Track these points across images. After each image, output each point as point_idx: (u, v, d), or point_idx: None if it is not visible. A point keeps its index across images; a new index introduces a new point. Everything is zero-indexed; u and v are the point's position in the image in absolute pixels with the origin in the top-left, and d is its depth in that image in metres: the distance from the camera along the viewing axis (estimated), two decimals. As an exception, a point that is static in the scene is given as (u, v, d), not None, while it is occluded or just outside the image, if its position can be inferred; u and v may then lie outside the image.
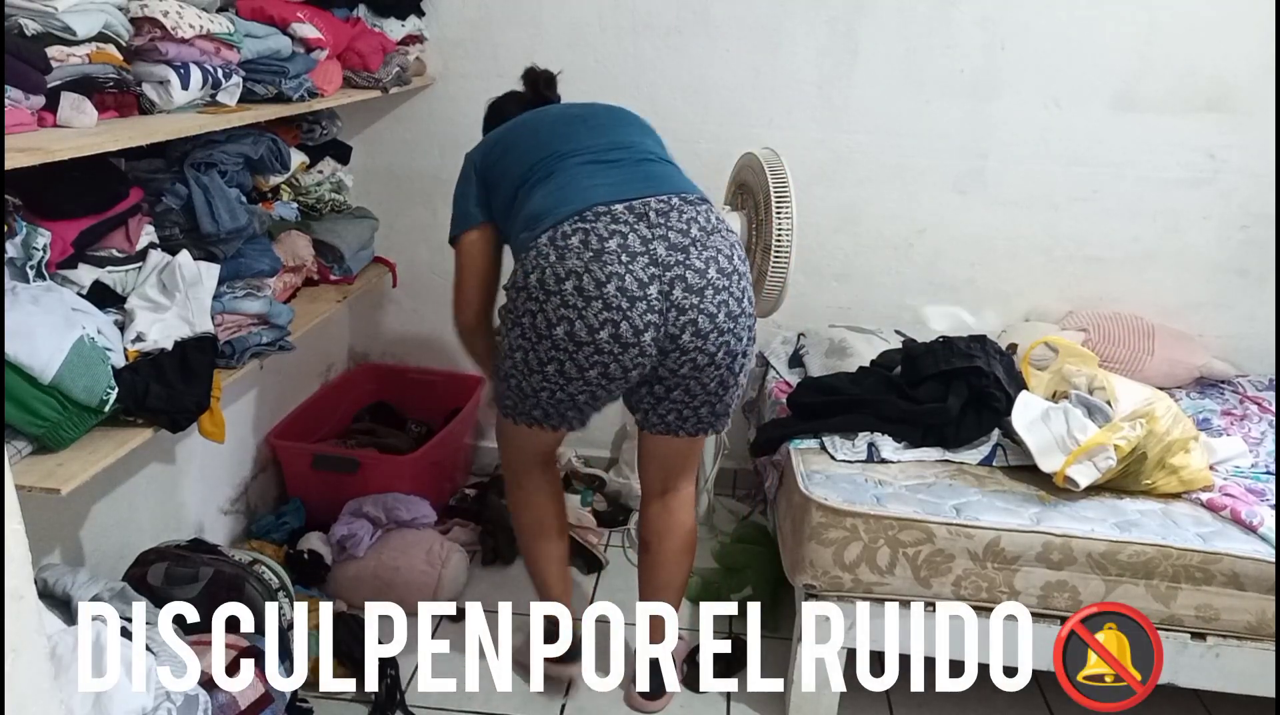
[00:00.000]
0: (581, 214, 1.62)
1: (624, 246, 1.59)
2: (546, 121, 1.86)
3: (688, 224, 1.64)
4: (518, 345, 1.68)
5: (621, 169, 1.72)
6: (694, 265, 1.62)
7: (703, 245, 1.64)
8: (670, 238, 1.62)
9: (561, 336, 1.61)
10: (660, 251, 1.60)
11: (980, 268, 2.78)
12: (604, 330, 1.59)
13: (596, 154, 1.74)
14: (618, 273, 1.58)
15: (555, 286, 1.59)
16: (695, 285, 1.62)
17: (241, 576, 1.81)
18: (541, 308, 1.61)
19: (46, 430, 1.41)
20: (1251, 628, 1.80)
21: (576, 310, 1.59)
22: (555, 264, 1.59)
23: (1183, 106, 2.56)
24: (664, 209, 1.64)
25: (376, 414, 2.96)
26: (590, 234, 1.59)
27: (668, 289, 1.60)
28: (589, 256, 1.58)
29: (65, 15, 1.38)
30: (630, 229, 1.60)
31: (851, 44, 2.60)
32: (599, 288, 1.57)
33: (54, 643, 1.38)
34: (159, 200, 1.75)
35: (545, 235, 1.62)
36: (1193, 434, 1.99)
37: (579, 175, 1.70)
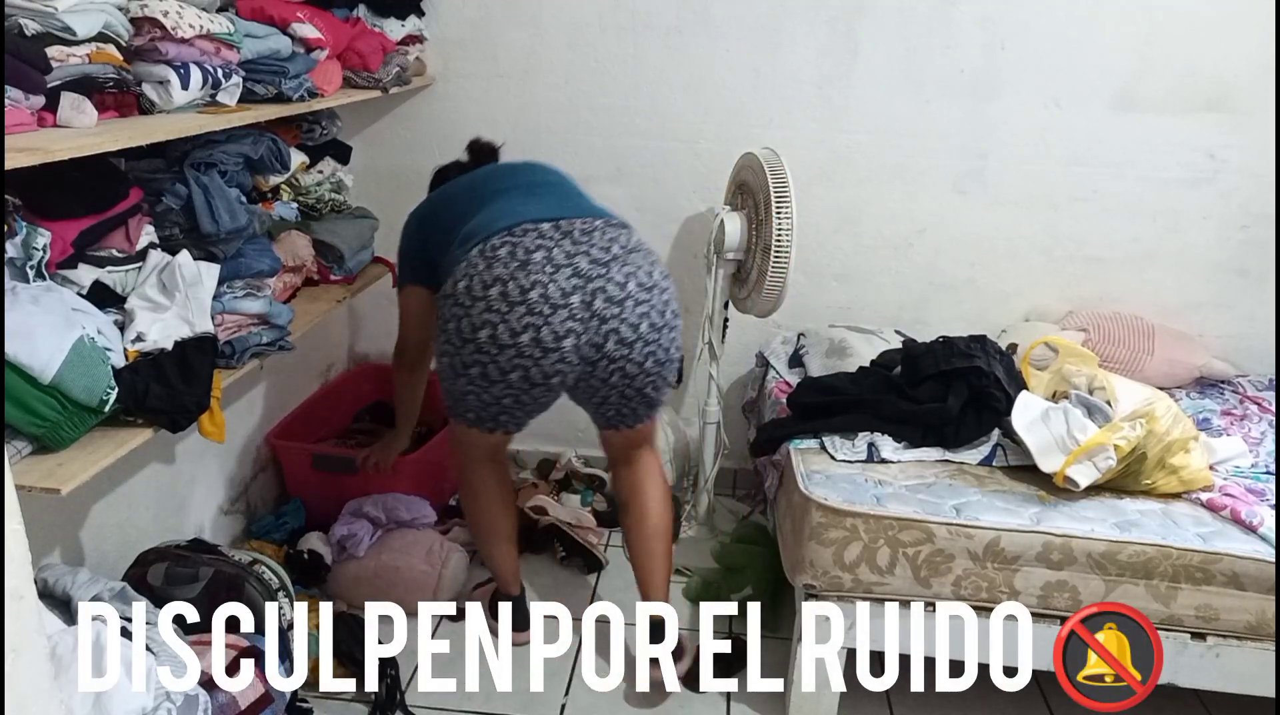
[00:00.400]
0: (510, 229, 1.74)
1: (549, 258, 1.69)
2: (481, 174, 2.06)
3: (609, 243, 1.76)
4: (444, 350, 1.80)
5: (549, 197, 1.88)
6: (614, 278, 1.73)
7: (623, 262, 1.75)
8: (593, 253, 1.73)
9: (485, 340, 1.71)
10: (583, 265, 1.71)
11: (980, 268, 2.78)
12: (525, 334, 1.69)
13: (527, 189, 1.91)
14: (541, 281, 1.68)
15: (481, 292, 1.69)
16: (615, 297, 1.72)
17: (241, 576, 1.81)
18: (467, 312, 1.71)
19: (46, 430, 1.41)
20: (1251, 628, 1.80)
21: (500, 314, 1.68)
22: (483, 272, 1.70)
23: (1183, 106, 2.56)
24: (588, 229, 1.76)
25: (376, 414, 2.95)
26: (517, 246, 1.71)
27: (589, 299, 1.71)
28: (515, 266, 1.68)
29: (65, 15, 1.38)
30: (555, 244, 1.72)
31: (851, 44, 2.60)
32: (523, 294, 1.67)
33: (54, 643, 1.38)
34: (159, 200, 1.75)
35: (475, 249, 1.74)
36: (1193, 434, 1.99)
37: (509, 202, 1.84)
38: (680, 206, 2.81)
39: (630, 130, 2.74)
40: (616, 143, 2.76)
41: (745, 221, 2.38)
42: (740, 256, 2.42)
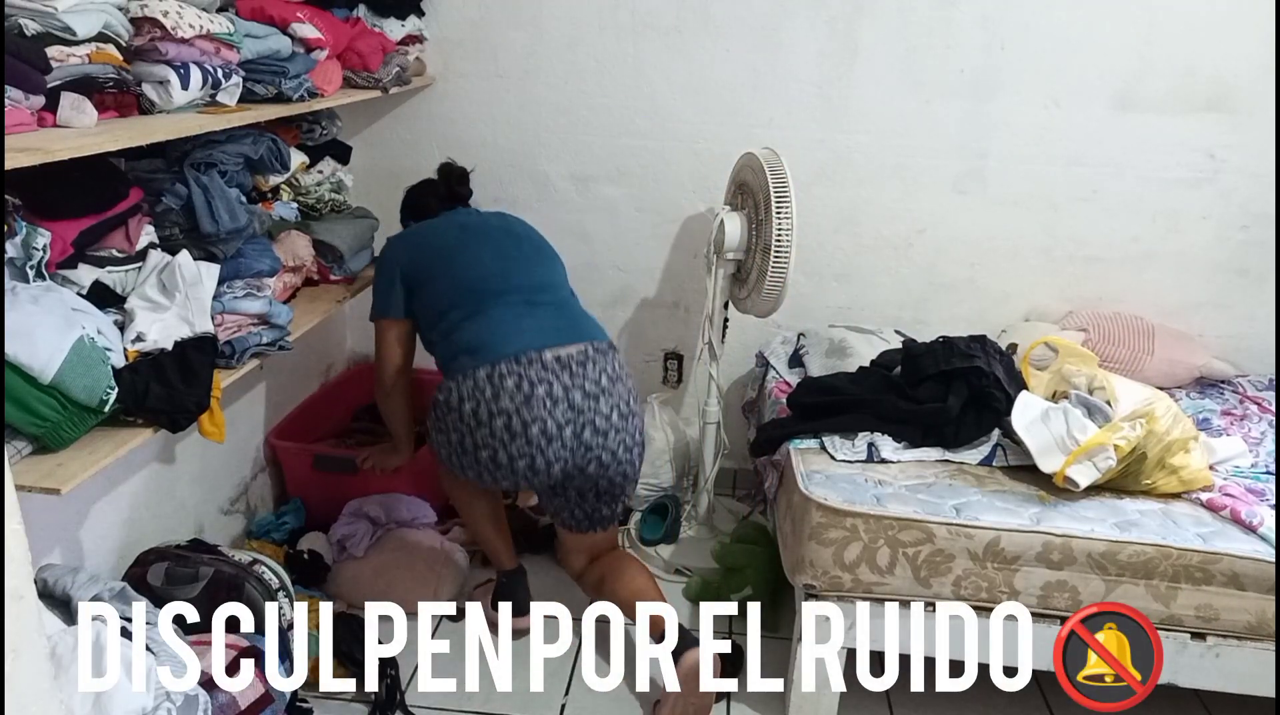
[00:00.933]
0: (516, 357, 1.91)
1: (549, 393, 1.90)
2: (477, 250, 2.12)
3: (599, 374, 1.96)
4: (441, 443, 2.00)
5: (547, 313, 2.04)
6: (601, 411, 1.95)
7: (609, 393, 1.96)
8: (586, 387, 1.93)
9: (485, 459, 1.93)
10: (577, 398, 1.92)
11: (980, 268, 2.78)
12: (521, 461, 1.91)
13: (524, 294, 2.05)
14: (541, 417, 1.88)
15: (488, 420, 1.89)
16: (601, 427, 1.95)
17: (241, 576, 1.81)
18: (471, 433, 1.91)
19: (46, 430, 1.41)
20: (1251, 628, 1.80)
21: (502, 443, 1.90)
22: (490, 401, 1.88)
23: (1183, 106, 2.56)
24: (581, 360, 1.95)
25: (375, 413, 2.95)
26: (523, 379, 1.89)
27: (579, 431, 1.93)
28: (520, 400, 1.88)
29: (65, 15, 1.38)
30: (555, 378, 1.91)
31: (851, 44, 2.60)
32: (524, 428, 1.88)
33: (54, 643, 1.38)
34: (159, 200, 1.75)
35: (483, 371, 1.90)
36: (1193, 434, 1.99)
37: (512, 316, 2.00)
38: (680, 206, 2.81)
39: (630, 130, 2.74)
40: (616, 143, 2.76)
41: (745, 221, 2.38)
42: (740, 256, 2.42)
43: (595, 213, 2.84)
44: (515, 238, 2.21)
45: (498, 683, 2.10)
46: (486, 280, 2.07)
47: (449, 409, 1.94)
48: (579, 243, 2.85)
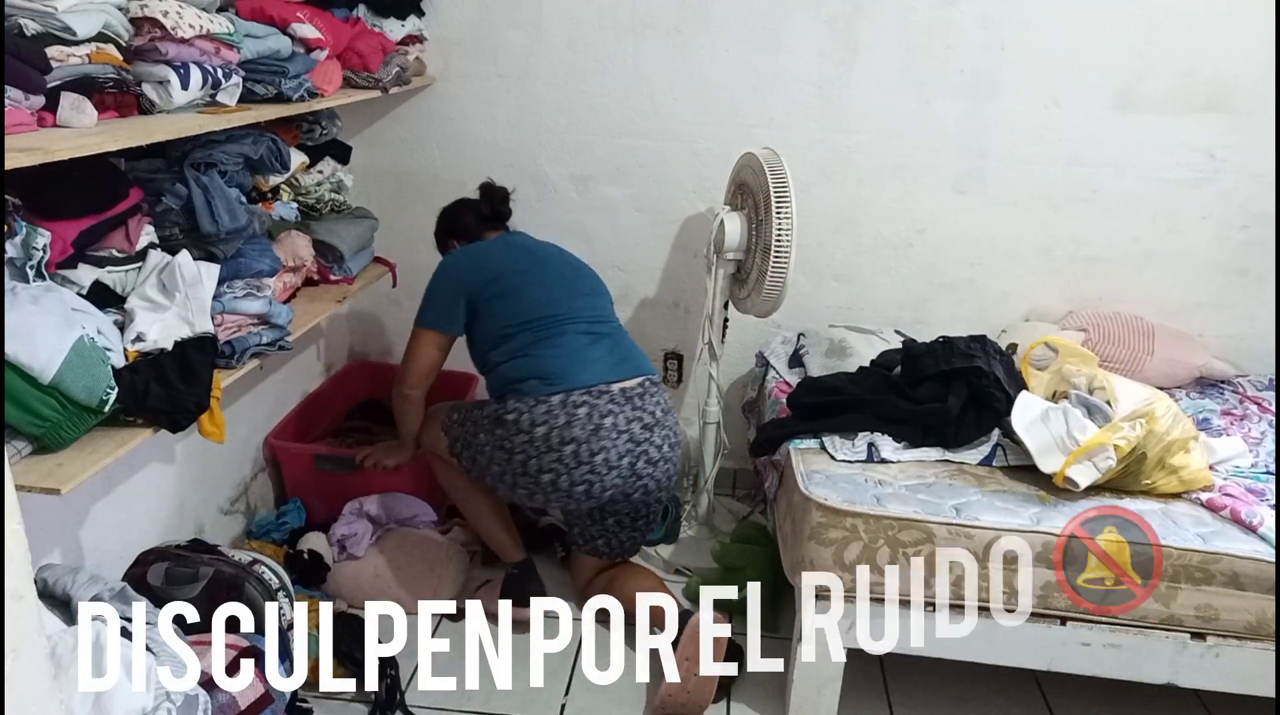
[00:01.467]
0: (589, 388, 2.02)
1: (614, 425, 2.01)
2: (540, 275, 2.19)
3: (655, 407, 2.09)
4: (499, 462, 2.05)
5: (608, 345, 2.15)
6: (655, 442, 2.08)
7: (662, 425, 2.10)
8: (644, 419, 2.06)
9: (546, 482, 2.01)
10: (636, 430, 2.04)
11: (980, 268, 2.78)
12: (579, 486, 2.01)
13: (587, 324, 2.15)
14: (606, 447, 2.00)
15: (558, 446, 1.98)
16: (653, 458, 2.08)
17: (241, 576, 1.81)
18: (539, 456, 1.99)
19: (46, 430, 1.41)
20: (1251, 628, 1.80)
21: (568, 468, 1.99)
22: (563, 428, 1.98)
23: (1183, 106, 2.56)
24: (641, 392, 2.08)
25: (368, 412, 2.95)
26: (594, 410, 2.00)
27: (634, 461, 2.04)
28: (590, 429, 1.98)
29: (65, 15, 1.38)
30: (620, 410, 2.03)
31: (851, 44, 2.60)
32: (591, 456, 1.99)
33: (54, 643, 1.38)
34: (159, 200, 1.75)
35: (557, 398, 2.00)
36: (1192, 434, 1.99)
37: (579, 345, 2.10)
38: (680, 206, 2.81)
39: (630, 130, 2.74)
40: (616, 143, 2.76)
41: (745, 221, 2.38)
42: (740, 256, 2.43)
43: (595, 213, 2.84)
44: (574, 268, 2.28)
45: (498, 681, 2.09)
46: (554, 305, 2.13)
47: (519, 430, 2.00)
48: (579, 243, 2.84)
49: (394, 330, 3.06)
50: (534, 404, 1.99)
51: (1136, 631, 1.84)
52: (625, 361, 2.12)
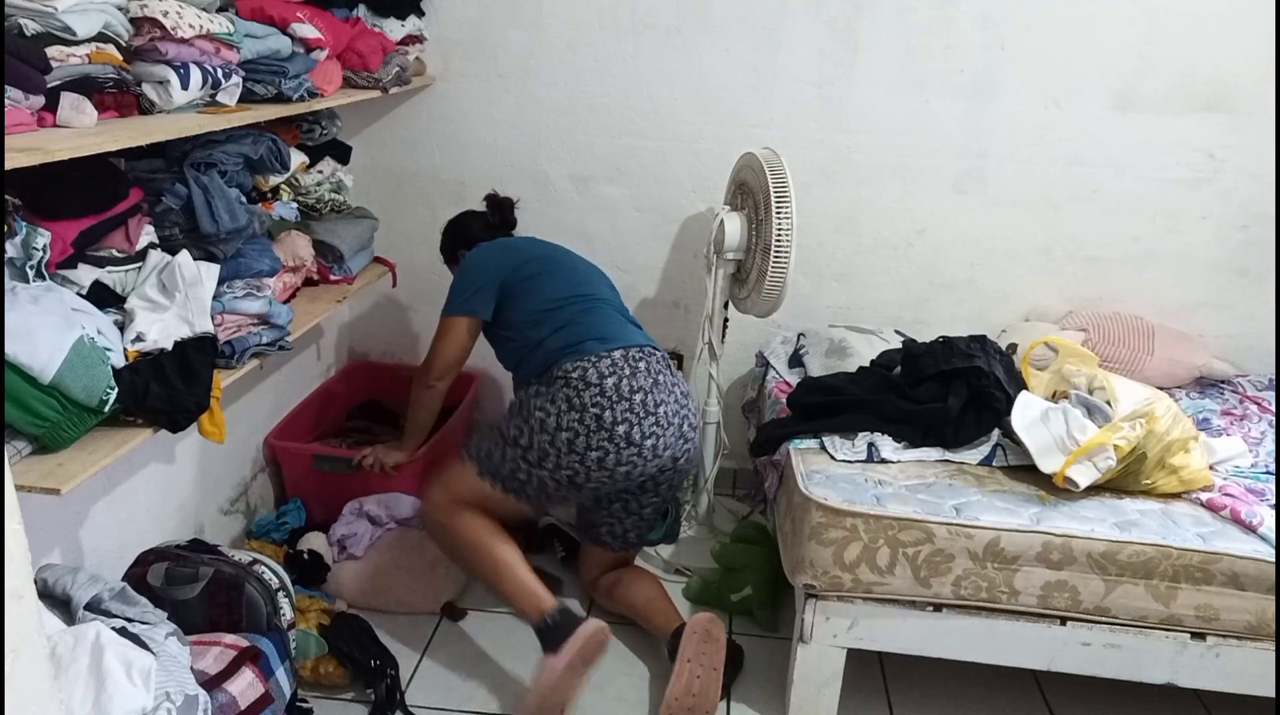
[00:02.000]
0: (641, 347, 2.07)
1: (667, 382, 2.06)
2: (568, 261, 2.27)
3: (678, 379, 2.13)
4: (569, 426, 1.96)
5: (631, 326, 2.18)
6: (691, 410, 2.12)
7: (689, 396, 2.14)
8: (681, 386, 2.12)
9: (621, 435, 1.95)
10: (679, 395, 2.09)
11: (980, 268, 2.78)
12: (649, 440, 1.98)
13: (615, 309, 2.21)
14: (664, 401, 2.02)
15: (629, 394, 1.97)
16: (694, 423, 2.12)
17: (241, 576, 1.81)
18: (612, 406, 1.96)
19: (46, 430, 1.41)
20: (1251, 628, 1.80)
21: (638, 417, 1.97)
22: (630, 377, 1.99)
23: (1183, 106, 2.56)
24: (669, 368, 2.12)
25: (368, 412, 2.96)
26: (650, 365, 2.05)
27: (681, 424, 2.07)
28: (650, 382, 2.02)
29: (65, 15, 1.38)
30: (661, 372, 2.07)
31: (851, 44, 2.60)
32: (656, 406, 2.00)
33: (54, 643, 1.38)
34: (159, 200, 1.75)
35: (619, 351, 2.02)
36: (1192, 434, 1.99)
37: (616, 320, 2.15)
38: (680, 206, 2.81)
39: (630, 130, 2.74)
40: (616, 143, 2.76)
41: (745, 221, 2.38)
42: (740, 256, 2.43)
43: (595, 213, 2.84)
44: (587, 264, 2.32)
45: (498, 682, 2.10)
46: (586, 285, 2.20)
47: (587, 385, 1.97)
48: (579, 243, 2.84)
49: (394, 330, 3.06)
50: (597, 360, 2.00)
51: (1136, 631, 1.84)
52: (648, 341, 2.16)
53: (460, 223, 2.49)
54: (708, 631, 1.98)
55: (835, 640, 1.92)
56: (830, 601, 1.89)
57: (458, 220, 2.49)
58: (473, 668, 2.15)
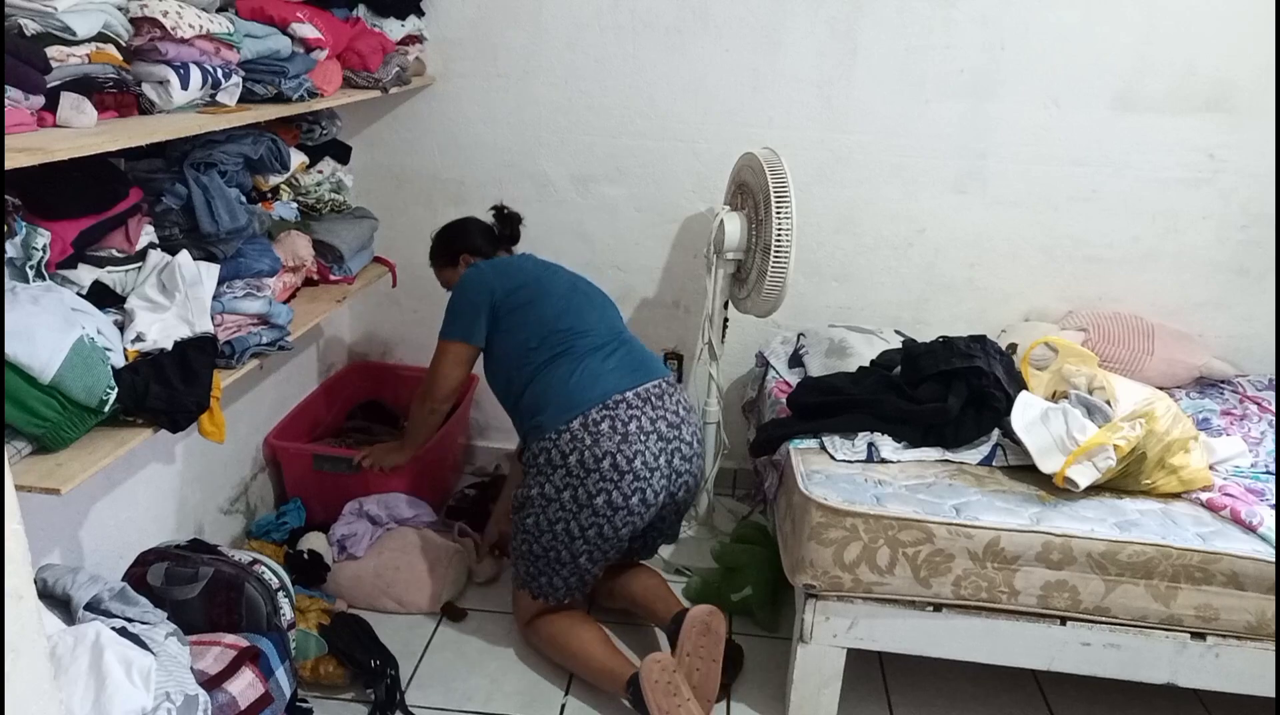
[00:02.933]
0: (604, 402, 2.00)
1: (640, 427, 2.00)
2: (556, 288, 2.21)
3: (676, 405, 2.09)
4: (559, 517, 1.99)
5: (621, 355, 2.12)
6: (684, 438, 2.08)
7: (687, 422, 2.10)
8: (668, 417, 2.05)
9: (602, 505, 1.96)
10: (663, 428, 2.03)
11: (980, 268, 2.78)
12: (634, 497, 1.98)
13: (600, 340, 2.13)
14: (640, 450, 1.98)
15: (594, 465, 1.95)
16: (686, 454, 2.08)
17: (241, 576, 1.81)
18: (582, 482, 1.96)
19: (46, 430, 1.41)
20: (1251, 628, 1.80)
21: (613, 482, 1.96)
22: (591, 446, 1.95)
23: (1183, 106, 2.56)
24: (659, 393, 2.08)
25: (368, 412, 2.96)
26: (615, 420, 1.98)
27: (670, 458, 2.04)
28: (618, 439, 1.96)
29: (65, 15, 1.38)
30: (642, 412, 2.02)
31: (851, 44, 2.60)
32: (629, 463, 1.96)
33: (54, 643, 1.38)
34: (159, 200, 1.75)
35: (577, 422, 1.98)
36: (1192, 434, 1.99)
37: (593, 361, 2.08)
38: (680, 206, 2.81)
39: (630, 130, 2.74)
40: (616, 143, 2.76)
41: (745, 221, 2.38)
42: (740, 256, 2.43)
43: (595, 213, 2.84)
44: (586, 283, 2.29)
45: (498, 682, 2.10)
46: (565, 317, 2.13)
47: (553, 467, 1.98)
48: (579, 243, 2.85)
49: (394, 330, 3.06)
50: (557, 437, 1.98)
51: (1136, 631, 1.84)
52: (638, 369, 2.10)
53: (461, 228, 2.44)
54: (706, 625, 1.98)
55: (835, 640, 1.92)
56: (830, 601, 1.89)
57: (458, 225, 2.45)
58: (473, 668, 2.15)
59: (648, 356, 2.19)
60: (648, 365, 2.14)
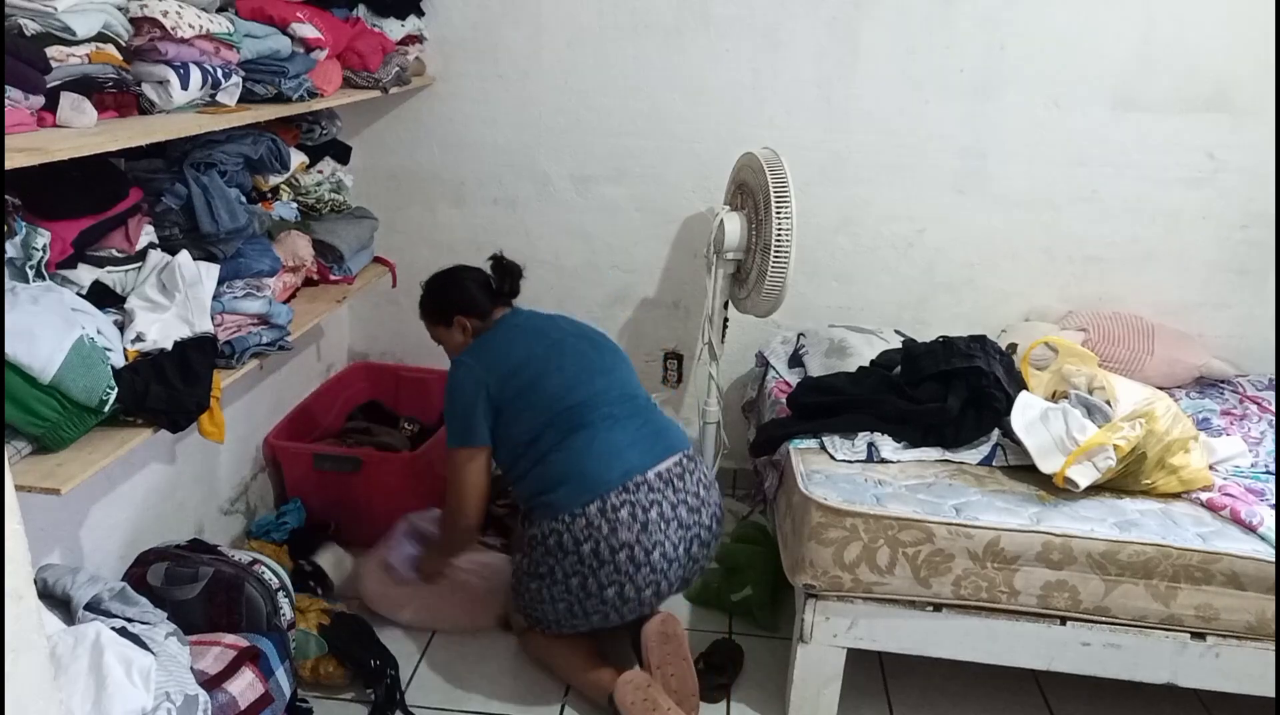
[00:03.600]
0: (624, 485, 1.88)
1: (661, 515, 1.89)
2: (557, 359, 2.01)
3: (697, 485, 1.97)
4: (562, 597, 1.92)
5: (635, 425, 1.98)
6: (704, 523, 1.97)
7: (707, 502, 1.98)
8: (689, 501, 1.94)
9: (612, 596, 1.89)
10: (683, 514, 1.92)
11: (980, 268, 2.78)
12: (648, 590, 1.90)
13: (611, 406, 1.98)
14: (660, 541, 1.87)
15: (610, 556, 1.85)
16: (705, 540, 1.98)
17: (241, 576, 1.81)
18: (594, 573, 1.87)
19: (46, 430, 1.41)
20: (1251, 628, 1.80)
21: (628, 576, 1.87)
22: (609, 536, 1.85)
23: (1183, 106, 2.56)
24: (680, 472, 1.95)
25: (369, 412, 2.95)
26: (636, 506, 1.87)
27: (689, 546, 1.94)
28: (637, 529, 1.85)
29: (65, 15, 1.38)
30: (663, 496, 1.90)
31: (851, 44, 2.60)
32: (647, 556, 1.86)
33: (54, 643, 1.38)
34: (159, 200, 1.75)
35: (594, 506, 1.86)
36: (1192, 434, 1.99)
37: (606, 434, 1.93)
38: (680, 206, 2.81)
39: (630, 130, 2.74)
40: (616, 143, 2.76)
41: (745, 221, 2.38)
42: (740, 256, 2.43)
43: (595, 213, 2.84)
44: (590, 342, 2.10)
45: (498, 683, 2.10)
46: (574, 392, 1.97)
47: (564, 552, 1.87)
48: (579, 243, 2.85)
49: (394, 330, 3.06)
50: (570, 521, 1.87)
51: (1136, 631, 1.84)
52: (657, 441, 1.97)
53: (453, 282, 2.18)
54: (664, 634, 1.96)
55: (835, 640, 1.92)
56: (830, 601, 1.89)
57: (450, 278, 2.19)
58: (472, 668, 2.15)
59: (665, 425, 2.05)
60: (666, 435, 2.01)
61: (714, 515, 2.00)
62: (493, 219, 2.86)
